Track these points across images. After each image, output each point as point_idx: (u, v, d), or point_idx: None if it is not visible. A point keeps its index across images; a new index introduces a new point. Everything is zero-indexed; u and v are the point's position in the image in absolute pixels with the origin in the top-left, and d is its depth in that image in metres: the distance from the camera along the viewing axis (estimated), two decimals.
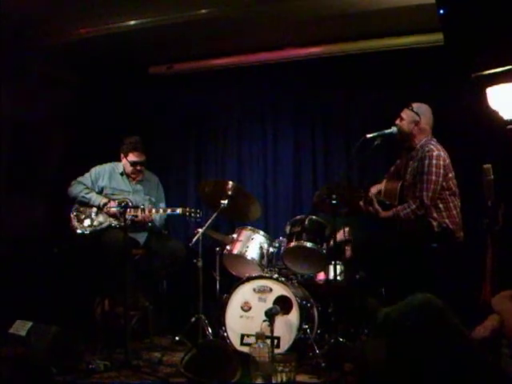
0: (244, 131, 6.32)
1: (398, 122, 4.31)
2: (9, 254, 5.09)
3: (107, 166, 5.20)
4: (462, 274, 4.01)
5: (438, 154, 4.09)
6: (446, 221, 4.07)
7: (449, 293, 3.88)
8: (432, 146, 4.14)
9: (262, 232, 4.74)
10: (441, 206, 4.09)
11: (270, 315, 3.86)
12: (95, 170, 5.16)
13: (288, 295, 4.21)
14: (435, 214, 4.07)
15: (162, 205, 5.22)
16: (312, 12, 5.14)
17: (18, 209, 5.43)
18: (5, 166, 5.49)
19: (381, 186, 4.46)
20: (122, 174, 5.17)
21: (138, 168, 5.10)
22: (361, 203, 4.31)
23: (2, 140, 5.53)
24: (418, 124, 4.25)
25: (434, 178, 4.03)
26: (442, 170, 4.05)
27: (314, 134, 6.03)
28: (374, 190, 4.46)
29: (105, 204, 4.91)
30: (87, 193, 5.00)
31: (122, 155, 5.13)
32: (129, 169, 5.11)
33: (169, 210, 4.90)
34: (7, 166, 5.51)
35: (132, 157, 5.07)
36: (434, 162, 4.05)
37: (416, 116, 4.27)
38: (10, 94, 5.49)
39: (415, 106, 4.30)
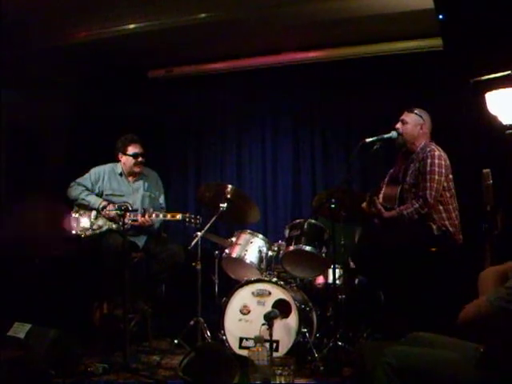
0: (243, 135, 6.35)
1: (399, 126, 4.30)
2: (8, 256, 5.08)
3: (107, 167, 5.16)
4: (461, 278, 4.01)
5: (440, 154, 4.14)
6: (446, 222, 4.08)
7: (448, 297, 3.90)
8: (433, 147, 4.19)
9: (260, 235, 4.74)
10: (440, 207, 4.10)
11: (269, 319, 3.85)
12: (94, 171, 5.13)
13: (287, 299, 4.21)
14: (435, 216, 4.09)
15: (161, 199, 5.23)
16: (311, 17, 5.16)
17: (17, 211, 5.43)
18: (4, 169, 5.49)
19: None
20: (120, 175, 5.14)
21: (140, 159, 5.07)
22: (363, 205, 4.32)
23: (2, 142, 5.53)
24: (422, 127, 4.28)
25: (436, 177, 4.06)
26: (444, 170, 4.09)
27: (314, 138, 6.05)
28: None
29: (104, 207, 4.90)
30: (87, 195, 4.98)
31: (120, 154, 5.09)
32: (130, 163, 5.06)
33: (169, 216, 4.88)
34: (7, 168, 5.51)
35: (132, 149, 5.04)
36: (437, 161, 4.08)
37: (420, 119, 4.30)
38: (10, 96, 5.50)
39: (417, 110, 4.34)
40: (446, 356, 2.41)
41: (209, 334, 4.49)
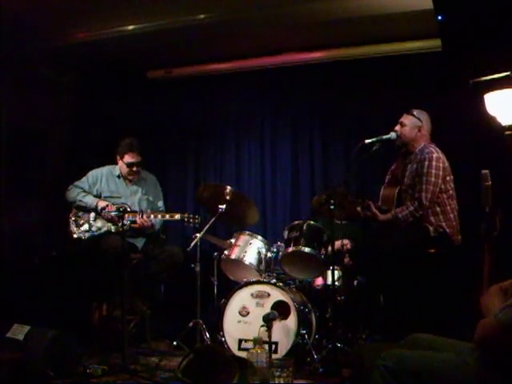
0: (242, 135, 6.34)
1: (398, 128, 4.31)
2: (7, 257, 5.09)
3: (104, 169, 5.17)
4: (459, 279, 4.01)
5: (438, 156, 4.13)
6: (443, 224, 4.08)
7: (447, 298, 3.89)
8: (432, 149, 4.19)
9: (260, 237, 4.73)
10: (438, 209, 4.11)
11: (268, 320, 3.84)
12: (92, 173, 5.13)
13: (286, 300, 4.20)
14: (432, 218, 4.09)
15: (160, 203, 5.22)
16: (311, 17, 5.16)
17: (16, 212, 5.43)
18: (4, 170, 5.49)
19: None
20: (118, 177, 5.14)
21: (134, 169, 5.08)
22: (358, 209, 4.32)
23: (2, 142, 5.54)
24: (421, 129, 4.28)
25: (433, 179, 4.06)
26: (441, 172, 4.09)
27: (313, 138, 6.05)
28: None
29: (102, 208, 4.89)
30: (84, 196, 4.98)
31: (118, 157, 5.10)
32: (125, 170, 5.09)
33: (167, 216, 4.88)
34: (6, 169, 5.51)
35: (128, 158, 5.05)
36: (434, 163, 4.08)
37: (418, 121, 4.30)
38: (10, 96, 5.50)
39: (416, 112, 4.33)
40: (444, 357, 2.41)
41: (208, 335, 4.48)
